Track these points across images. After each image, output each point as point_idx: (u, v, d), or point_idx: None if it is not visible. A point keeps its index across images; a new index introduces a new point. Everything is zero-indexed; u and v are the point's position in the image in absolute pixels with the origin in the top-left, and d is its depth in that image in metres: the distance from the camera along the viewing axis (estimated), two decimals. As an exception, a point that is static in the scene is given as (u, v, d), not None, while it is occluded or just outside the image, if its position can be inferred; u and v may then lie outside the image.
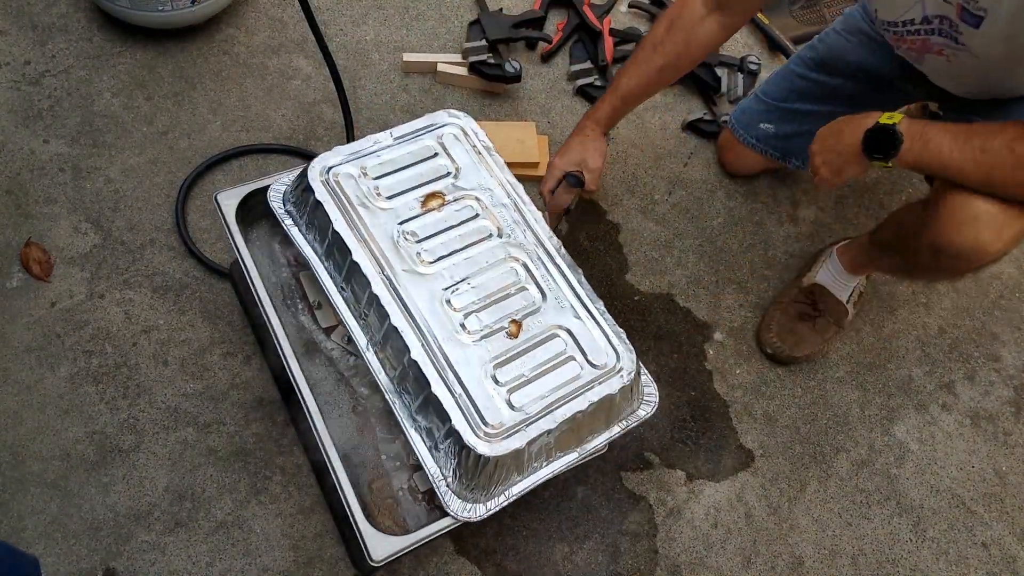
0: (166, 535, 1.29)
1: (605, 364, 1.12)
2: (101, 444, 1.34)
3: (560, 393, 1.08)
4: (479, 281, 1.13)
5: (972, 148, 1.14)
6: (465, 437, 1.01)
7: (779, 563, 1.44)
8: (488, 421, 1.03)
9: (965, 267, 1.26)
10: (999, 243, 1.18)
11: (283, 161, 1.65)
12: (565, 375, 1.09)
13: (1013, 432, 1.64)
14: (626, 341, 1.15)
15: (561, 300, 1.15)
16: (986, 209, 1.16)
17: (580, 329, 1.13)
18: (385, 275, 1.09)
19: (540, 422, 1.05)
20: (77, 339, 1.41)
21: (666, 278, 1.69)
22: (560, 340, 1.12)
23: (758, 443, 1.55)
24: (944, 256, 1.24)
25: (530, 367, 1.09)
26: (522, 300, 1.14)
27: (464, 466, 1.03)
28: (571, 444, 1.12)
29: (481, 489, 1.05)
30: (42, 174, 1.55)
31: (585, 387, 1.09)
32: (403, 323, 1.06)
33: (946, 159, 1.16)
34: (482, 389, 1.05)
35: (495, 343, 1.09)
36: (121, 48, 1.71)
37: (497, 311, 1.12)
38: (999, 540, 1.53)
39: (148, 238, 1.52)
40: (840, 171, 1.29)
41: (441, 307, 1.09)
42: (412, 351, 1.04)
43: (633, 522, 1.43)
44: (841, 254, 1.63)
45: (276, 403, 1.41)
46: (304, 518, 1.34)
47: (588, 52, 1.90)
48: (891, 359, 1.68)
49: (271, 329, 1.17)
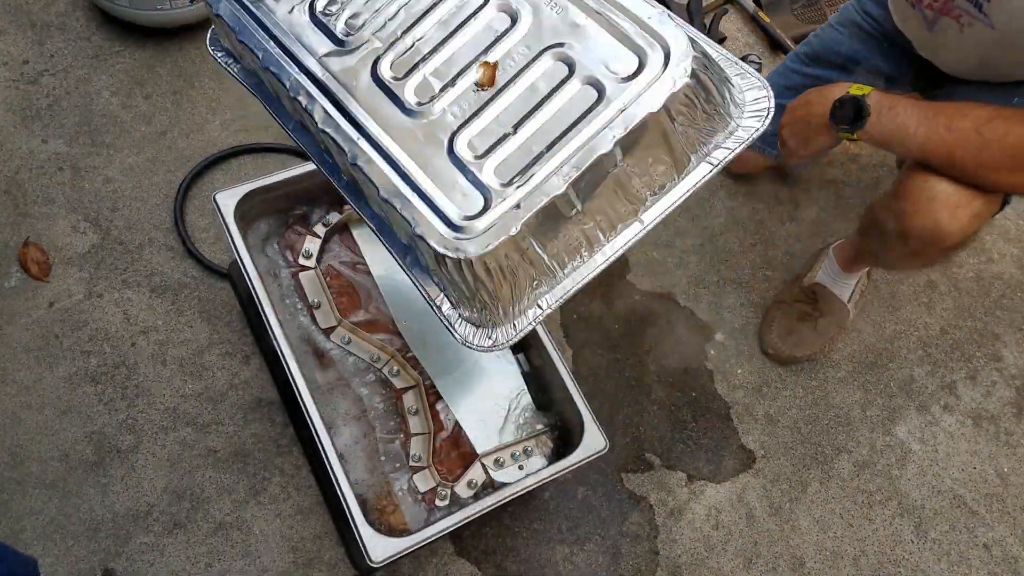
0: (165, 536, 1.29)
1: (639, 65, 0.74)
2: (100, 445, 1.33)
3: (571, 133, 0.73)
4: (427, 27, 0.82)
5: (938, 126, 1.14)
6: (431, 240, 0.72)
7: (780, 564, 1.44)
8: (456, 210, 0.74)
9: (929, 250, 1.26)
10: (955, 223, 1.18)
11: (282, 160, 1.65)
12: (575, 108, 0.74)
13: (1015, 432, 1.64)
14: (672, 18, 0.75)
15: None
16: (942, 189, 1.17)
17: (588, 31, 0.77)
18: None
19: (542, 185, 0.72)
20: (76, 339, 1.41)
21: (667, 278, 1.68)
22: (552, 60, 0.77)
23: (759, 444, 1.54)
24: (910, 240, 1.24)
25: (516, 113, 0.76)
26: (490, 29, 0.80)
27: (453, 281, 0.76)
28: (624, 209, 0.77)
29: (494, 307, 0.77)
30: (40, 173, 1.54)
31: (609, 113, 0.73)
32: (337, 121, 0.80)
33: (911, 135, 1.15)
34: (447, 170, 0.76)
35: (461, 103, 0.78)
36: (120, 47, 1.71)
37: (457, 59, 0.80)
38: (1001, 541, 1.52)
39: (147, 238, 1.52)
40: (807, 141, 1.29)
41: (378, 84, 0.81)
42: (350, 153, 0.78)
43: (634, 523, 1.43)
44: (836, 252, 1.63)
45: (275, 404, 1.41)
46: (303, 519, 1.33)
47: (588, 51, 1.90)
48: (892, 359, 1.68)
49: (270, 330, 1.17)
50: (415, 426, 1.24)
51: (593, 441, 1.18)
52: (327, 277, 1.31)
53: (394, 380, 1.26)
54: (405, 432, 1.23)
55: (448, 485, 1.19)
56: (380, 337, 1.28)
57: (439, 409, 1.25)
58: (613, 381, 1.55)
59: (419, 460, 1.21)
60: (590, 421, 1.19)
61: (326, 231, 1.34)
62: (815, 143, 1.28)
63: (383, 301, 1.32)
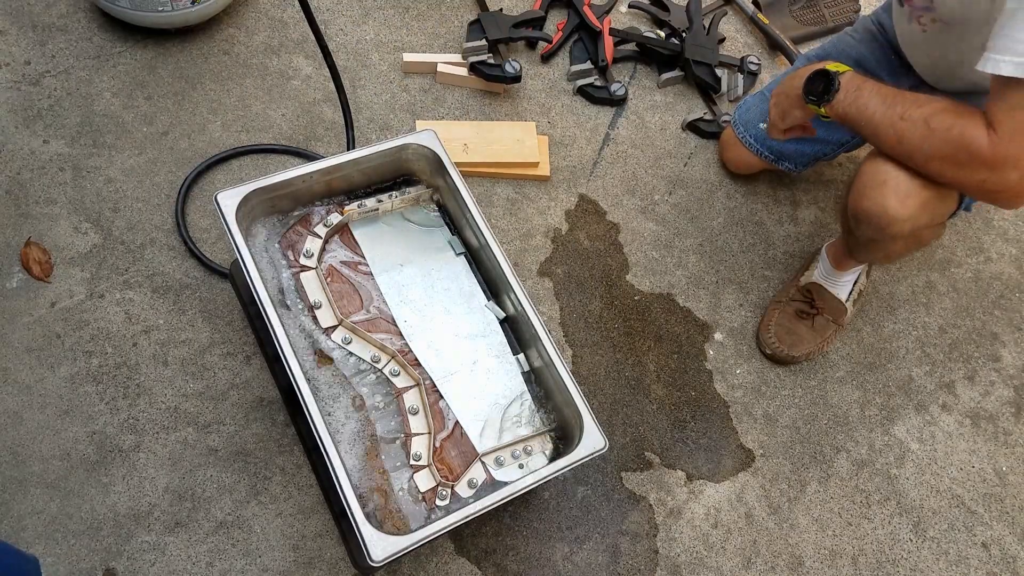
0: (166, 535, 1.29)
1: None
2: (101, 444, 1.34)
3: None
4: None
5: (894, 112, 1.18)
6: None
7: (779, 563, 1.44)
8: None
9: (882, 236, 1.28)
10: (904, 210, 1.22)
11: (283, 161, 1.65)
12: None
13: (1013, 432, 1.64)
14: None
15: None
16: (895, 175, 1.21)
17: None
18: None
19: None
20: (77, 339, 1.41)
21: (666, 278, 1.69)
22: None
23: (758, 443, 1.55)
24: (861, 223, 1.28)
25: None
26: None
27: None
28: None
29: None
30: (42, 174, 1.55)
31: None
32: None
33: (869, 116, 1.20)
34: None
35: None
36: (121, 48, 1.71)
37: None
38: (999, 540, 1.53)
39: (148, 238, 1.52)
40: (785, 114, 1.35)
41: None
42: None
43: (633, 522, 1.43)
44: (828, 251, 1.65)
45: (276, 403, 1.41)
46: (304, 518, 1.34)
47: (588, 52, 1.90)
48: (891, 359, 1.68)
49: (271, 329, 1.17)
50: (416, 425, 1.24)
51: (593, 440, 1.18)
52: (328, 277, 1.32)
53: (395, 379, 1.27)
54: (406, 431, 1.24)
55: (448, 484, 1.20)
56: (381, 337, 1.29)
57: (439, 408, 1.26)
58: (613, 381, 1.56)
59: (420, 459, 1.21)
60: (590, 421, 1.19)
61: (327, 231, 1.34)
62: (791, 116, 1.35)
63: (384, 301, 1.33)
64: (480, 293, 1.37)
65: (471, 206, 1.33)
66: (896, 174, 1.21)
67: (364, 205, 1.38)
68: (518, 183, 1.73)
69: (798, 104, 1.31)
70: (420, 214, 1.43)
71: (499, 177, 1.72)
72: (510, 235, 1.67)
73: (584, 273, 1.66)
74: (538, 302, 1.61)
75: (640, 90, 1.92)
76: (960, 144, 1.11)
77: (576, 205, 1.73)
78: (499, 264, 1.31)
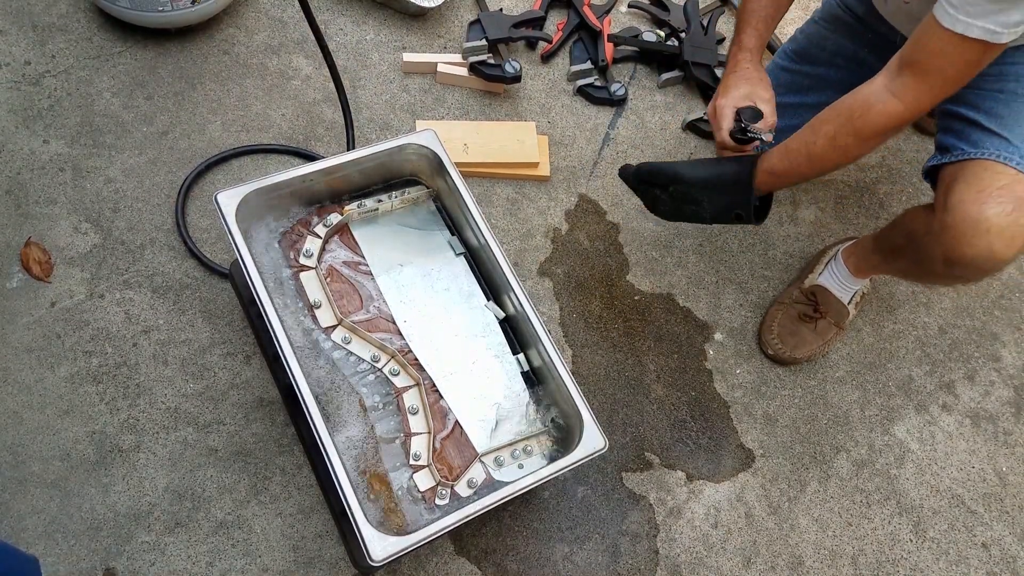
0: (166, 535, 1.29)
1: None
2: (101, 444, 1.34)
3: None
4: None
5: (803, 148, 1.26)
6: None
7: (779, 563, 1.45)
8: None
9: (979, 275, 1.26)
10: (1011, 251, 1.17)
11: (283, 161, 1.65)
12: None
13: (1013, 432, 1.64)
14: None
15: None
16: (996, 222, 1.15)
17: None
18: None
19: None
20: (77, 339, 1.41)
21: (666, 278, 1.69)
22: None
23: (758, 443, 1.55)
24: (958, 267, 1.23)
25: None
26: None
27: None
28: None
29: None
30: (42, 174, 1.55)
31: None
32: None
33: (795, 168, 1.28)
34: None
35: None
36: (121, 48, 1.71)
37: None
38: (999, 540, 1.53)
39: (148, 238, 1.52)
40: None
41: None
42: None
43: (633, 522, 1.43)
44: (847, 258, 1.62)
45: (276, 403, 1.41)
46: (304, 518, 1.34)
47: (588, 52, 1.90)
48: (891, 359, 1.68)
49: (271, 329, 1.17)
50: (415, 425, 1.24)
51: (593, 440, 1.18)
52: (328, 277, 1.32)
53: (394, 379, 1.27)
54: (405, 431, 1.24)
55: (448, 484, 1.20)
56: (380, 336, 1.29)
57: (439, 408, 1.26)
58: (613, 381, 1.56)
59: (419, 459, 1.21)
60: (590, 421, 1.19)
61: (327, 231, 1.34)
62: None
63: (383, 300, 1.33)
64: (480, 293, 1.37)
65: (471, 206, 1.33)
66: (997, 220, 1.15)
67: (364, 205, 1.38)
68: (518, 183, 1.73)
69: None
70: (420, 214, 1.43)
71: (499, 177, 1.72)
72: (510, 235, 1.67)
73: (584, 273, 1.66)
74: (538, 302, 1.61)
75: (640, 90, 1.92)
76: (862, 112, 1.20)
77: (576, 205, 1.73)
78: (499, 264, 1.31)
